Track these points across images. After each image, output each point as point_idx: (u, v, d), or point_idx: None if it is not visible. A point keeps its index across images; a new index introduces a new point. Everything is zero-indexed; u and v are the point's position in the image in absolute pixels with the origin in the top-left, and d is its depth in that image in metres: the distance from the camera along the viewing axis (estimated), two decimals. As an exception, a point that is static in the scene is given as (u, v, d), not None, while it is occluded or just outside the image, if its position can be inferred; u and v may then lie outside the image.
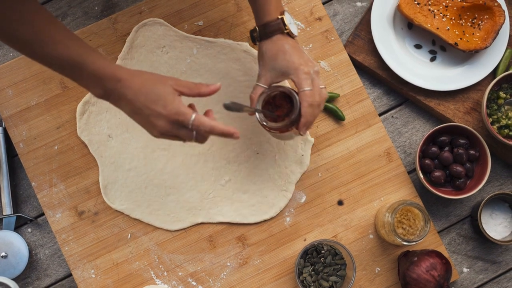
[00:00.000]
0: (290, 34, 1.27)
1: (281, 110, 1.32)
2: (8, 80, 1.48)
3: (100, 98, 1.18)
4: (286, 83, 1.48)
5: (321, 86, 1.26)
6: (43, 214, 1.49)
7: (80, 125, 1.48)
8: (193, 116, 1.15)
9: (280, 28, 1.26)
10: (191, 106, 1.21)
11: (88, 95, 1.48)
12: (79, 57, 1.13)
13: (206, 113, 1.22)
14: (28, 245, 1.47)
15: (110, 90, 1.15)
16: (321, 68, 1.51)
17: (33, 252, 1.49)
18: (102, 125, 1.48)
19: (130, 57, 1.49)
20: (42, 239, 1.49)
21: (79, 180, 1.47)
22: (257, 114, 1.29)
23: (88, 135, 1.48)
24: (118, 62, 1.49)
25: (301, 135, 1.29)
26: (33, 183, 1.47)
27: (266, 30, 1.27)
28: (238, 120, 1.48)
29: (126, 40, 1.50)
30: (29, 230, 1.50)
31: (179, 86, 1.18)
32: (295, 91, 1.28)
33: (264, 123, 1.29)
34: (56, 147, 1.48)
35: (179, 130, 1.17)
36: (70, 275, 1.48)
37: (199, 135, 1.18)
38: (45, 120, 1.48)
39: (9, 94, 1.48)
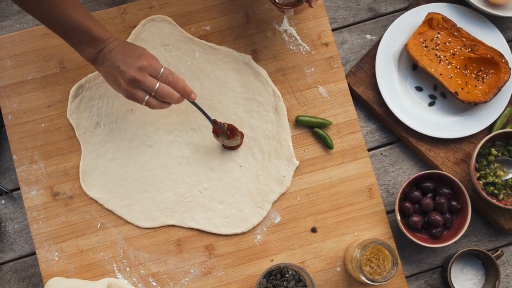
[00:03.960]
0: None
1: None
2: (9, 51, 1.49)
3: (89, 60, 1.31)
4: None
5: None
6: (19, 188, 1.49)
7: (71, 107, 1.48)
8: (163, 69, 1.29)
9: None
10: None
11: (84, 79, 1.48)
12: (83, 21, 1.28)
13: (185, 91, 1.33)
14: (-2, 216, 1.48)
15: (101, 50, 1.30)
16: (318, 94, 1.51)
17: (2, 224, 1.49)
18: (92, 111, 1.48)
19: (133, 49, 1.50)
20: (13, 213, 1.49)
21: (60, 161, 1.47)
22: None
23: (77, 119, 1.48)
24: (120, 52, 1.49)
25: (312, 7, 1.34)
26: (14, 156, 1.47)
27: None
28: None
29: (132, 32, 1.50)
30: (3, 202, 1.50)
31: (150, 67, 1.28)
32: None
33: (277, 0, 1.34)
34: (43, 125, 1.48)
35: (145, 79, 1.27)
36: (34, 253, 1.48)
37: (160, 91, 1.28)
38: (37, 97, 1.49)
39: (7, 65, 1.49)
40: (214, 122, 1.42)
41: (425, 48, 1.50)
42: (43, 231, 1.46)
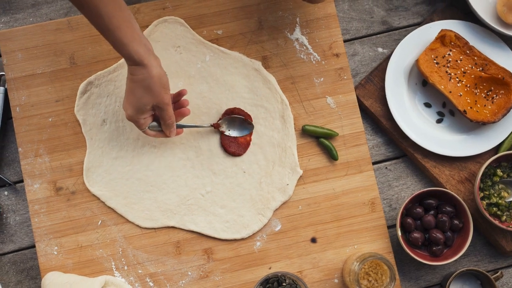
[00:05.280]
0: None
1: None
2: (21, 43, 1.50)
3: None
4: None
5: None
6: (22, 181, 1.50)
7: (78, 103, 1.48)
8: (144, 129, 1.38)
9: None
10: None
11: (94, 76, 1.49)
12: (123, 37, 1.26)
13: (183, 111, 1.41)
14: (0, 207, 1.48)
15: (135, 71, 1.30)
16: (326, 104, 1.51)
17: (4, 215, 1.49)
18: (100, 108, 1.48)
19: (144, 49, 1.50)
20: (16, 205, 1.50)
21: (64, 156, 1.48)
22: None
23: (84, 115, 1.48)
24: (131, 51, 1.50)
25: None
26: (19, 149, 1.48)
27: None
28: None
29: (144, 32, 1.50)
30: (6, 193, 1.50)
31: (158, 108, 1.34)
32: None
33: None
34: (50, 119, 1.49)
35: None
36: (34, 246, 1.49)
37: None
38: (46, 91, 1.49)
39: (18, 57, 1.49)
40: (213, 126, 1.46)
41: (436, 65, 1.49)
42: (44, 225, 1.46)
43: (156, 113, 1.37)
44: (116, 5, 1.24)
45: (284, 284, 1.42)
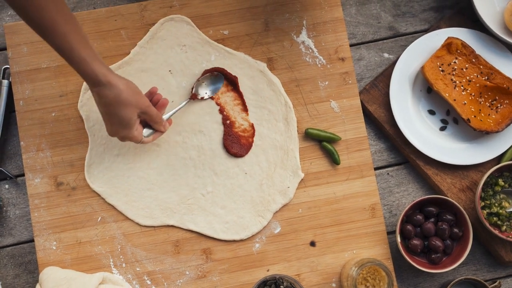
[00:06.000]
0: None
1: None
2: (26, 37, 1.50)
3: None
4: None
5: None
6: (23, 174, 1.50)
7: (82, 99, 1.48)
8: (141, 139, 1.37)
9: None
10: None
11: (98, 73, 1.48)
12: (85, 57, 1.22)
13: (162, 102, 1.40)
14: (1, 200, 1.48)
15: (103, 92, 1.26)
16: (330, 108, 1.50)
17: (4, 209, 1.49)
18: (103, 105, 1.48)
19: (149, 47, 1.50)
20: (16, 199, 1.50)
21: (66, 152, 1.48)
22: None
23: (87, 111, 1.48)
24: (136, 49, 1.50)
25: None
26: (22, 143, 1.48)
27: None
28: (236, 136, 1.48)
29: (150, 29, 1.50)
30: (7, 186, 1.50)
31: (143, 114, 1.33)
32: None
33: None
34: (53, 114, 1.48)
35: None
36: (33, 240, 1.49)
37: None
38: (50, 85, 1.49)
39: (23, 51, 1.49)
40: (191, 98, 1.47)
41: (441, 72, 1.49)
42: (44, 219, 1.46)
43: (142, 119, 1.36)
44: (74, 26, 1.21)
45: (281, 286, 1.42)
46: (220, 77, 1.48)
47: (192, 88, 1.48)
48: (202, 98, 1.48)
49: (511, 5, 1.48)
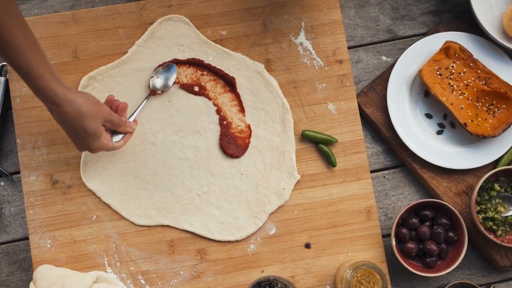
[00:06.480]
0: None
1: None
2: (24, 34, 1.49)
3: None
4: None
5: None
6: (19, 172, 1.50)
7: (79, 97, 1.48)
8: (112, 145, 1.37)
9: None
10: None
11: (95, 71, 1.48)
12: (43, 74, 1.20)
13: (121, 107, 1.41)
14: (-4, 198, 1.48)
15: (63, 109, 1.24)
16: (327, 110, 1.50)
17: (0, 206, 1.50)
18: (100, 104, 1.48)
19: (147, 46, 1.50)
20: (11, 196, 1.50)
21: (62, 150, 1.48)
22: None
23: (84, 109, 1.48)
24: (134, 48, 1.50)
25: None
26: (18, 140, 1.47)
27: None
28: (232, 136, 1.48)
29: (148, 28, 1.50)
30: (2, 183, 1.50)
31: (106, 122, 1.33)
32: None
33: None
34: (50, 112, 1.48)
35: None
36: (27, 238, 1.48)
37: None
38: (47, 83, 1.49)
39: (21, 48, 1.49)
40: (150, 94, 1.48)
41: (439, 76, 1.49)
42: (39, 217, 1.46)
43: (107, 127, 1.35)
44: (33, 42, 1.19)
45: (276, 288, 1.42)
46: (171, 66, 1.48)
47: (149, 86, 1.48)
48: (163, 92, 1.48)
49: (510, 10, 1.48)
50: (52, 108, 1.24)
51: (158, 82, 1.47)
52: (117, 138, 1.39)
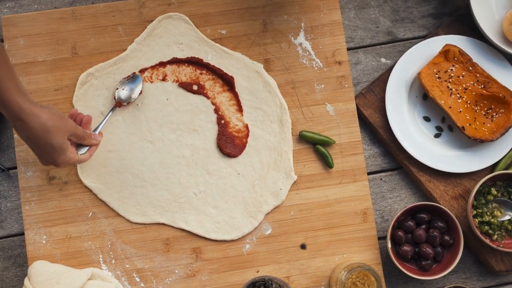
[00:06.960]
0: None
1: None
2: (24, 30, 1.49)
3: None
4: None
5: None
6: (16, 167, 1.50)
7: (77, 94, 1.48)
8: (78, 158, 1.35)
9: None
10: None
11: (94, 68, 1.48)
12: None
13: (86, 120, 1.40)
14: (-8, 193, 1.48)
15: (28, 124, 1.23)
16: (325, 111, 1.50)
17: (-5, 201, 1.49)
18: (98, 100, 1.48)
19: (146, 44, 1.50)
20: (8, 191, 1.50)
21: (59, 146, 1.47)
22: None
23: (82, 106, 1.48)
24: (133, 45, 1.50)
25: None
26: (15, 135, 1.47)
27: None
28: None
29: (148, 26, 1.50)
30: (-1, 179, 1.51)
31: (72, 136, 1.31)
32: None
33: None
34: (48, 108, 1.48)
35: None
36: (23, 234, 1.48)
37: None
38: (46, 79, 1.49)
39: (20, 43, 1.49)
40: (116, 106, 1.47)
41: (437, 79, 1.48)
42: (34, 213, 1.46)
43: (72, 140, 1.34)
44: (1, 55, 1.19)
45: (270, 288, 1.42)
46: (136, 77, 1.47)
47: (114, 97, 1.47)
48: (128, 103, 1.47)
49: (510, 14, 1.48)
50: (17, 125, 1.22)
51: (123, 93, 1.47)
52: (83, 150, 1.38)
